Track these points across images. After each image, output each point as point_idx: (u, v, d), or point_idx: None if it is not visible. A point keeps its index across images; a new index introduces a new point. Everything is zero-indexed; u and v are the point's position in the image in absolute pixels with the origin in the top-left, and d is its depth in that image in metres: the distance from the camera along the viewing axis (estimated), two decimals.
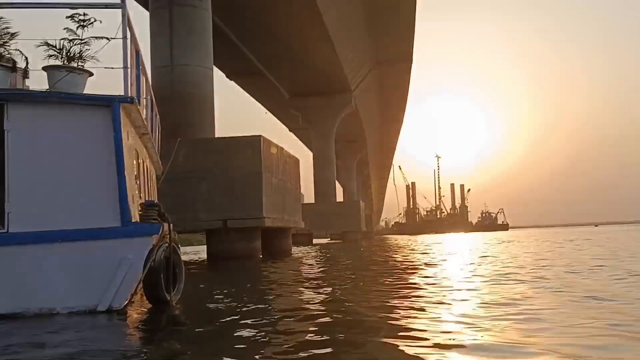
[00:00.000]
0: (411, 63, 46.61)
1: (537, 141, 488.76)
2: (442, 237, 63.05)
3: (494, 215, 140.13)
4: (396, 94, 56.38)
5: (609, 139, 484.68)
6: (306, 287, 8.00)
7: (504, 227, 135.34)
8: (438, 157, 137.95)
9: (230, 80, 45.21)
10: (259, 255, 15.97)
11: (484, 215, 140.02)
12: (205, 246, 17.32)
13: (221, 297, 6.88)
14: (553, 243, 23.88)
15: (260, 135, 15.41)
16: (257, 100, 51.84)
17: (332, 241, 50.59)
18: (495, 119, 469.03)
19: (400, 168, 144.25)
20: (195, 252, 24.89)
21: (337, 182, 74.13)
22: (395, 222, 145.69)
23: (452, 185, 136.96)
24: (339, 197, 69.52)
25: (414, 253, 18.39)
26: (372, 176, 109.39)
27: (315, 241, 50.58)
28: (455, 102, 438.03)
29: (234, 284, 8.93)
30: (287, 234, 19.09)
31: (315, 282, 8.69)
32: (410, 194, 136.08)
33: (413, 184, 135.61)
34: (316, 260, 15.43)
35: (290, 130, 64.96)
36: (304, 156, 50.04)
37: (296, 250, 25.61)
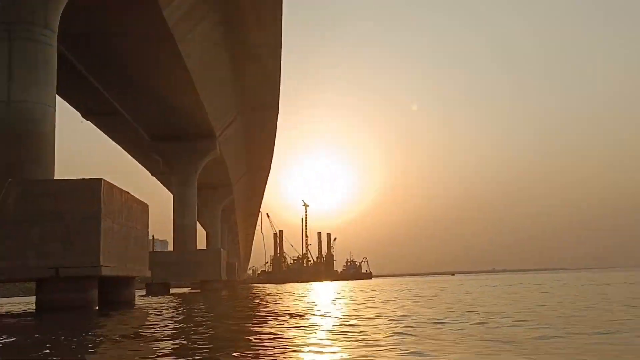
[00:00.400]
0: (277, 112, 47.16)
1: (398, 193, 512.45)
2: (307, 285, 63.48)
3: (358, 264, 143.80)
4: (263, 141, 56.69)
5: (456, 190, 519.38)
6: (131, 342, 7.42)
7: (368, 275, 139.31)
8: (306, 206, 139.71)
9: (87, 119, 43.16)
10: (95, 306, 14.88)
11: (348, 264, 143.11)
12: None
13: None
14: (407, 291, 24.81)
15: (100, 179, 14.56)
16: (116, 142, 49.82)
17: (193, 291, 49.09)
18: (361, 170, 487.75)
19: (268, 216, 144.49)
20: (26, 302, 22.94)
21: (203, 229, 72.73)
22: (262, 271, 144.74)
23: (319, 234, 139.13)
24: (204, 245, 68.05)
25: (270, 302, 18.13)
26: (239, 224, 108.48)
27: (174, 291, 48.87)
28: (324, 151, 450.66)
29: (46, 340, 8.09)
30: (130, 283, 18.02)
31: (143, 336, 8.10)
32: (278, 242, 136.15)
33: (281, 232, 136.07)
34: (157, 312, 14.60)
35: (152, 175, 63.00)
36: (169, 202, 48.52)
37: (146, 301, 24.43)
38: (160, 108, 37.21)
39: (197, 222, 78.07)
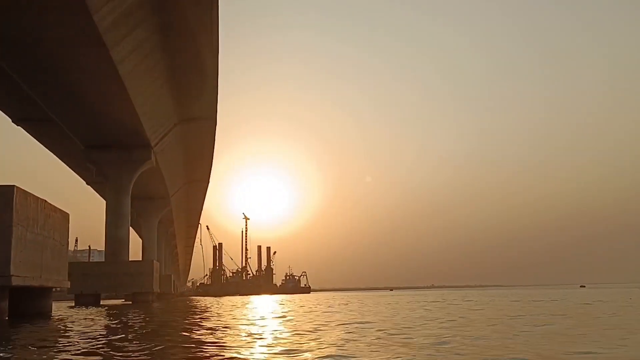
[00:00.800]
0: (214, 123, 46.83)
1: (336, 209, 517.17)
2: (246, 298, 62.98)
3: (297, 277, 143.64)
4: (201, 152, 56.04)
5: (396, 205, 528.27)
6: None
7: (306, 289, 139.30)
8: (246, 219, 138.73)
9: (18, 125, 41.81)
10: (5, 317, 14.31)
11: (287, 277, 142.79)
12: None
13: None
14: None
15: (13, 185, 14.06)
16: (49, 149, 48.37)
17: (126, 302, 47.88)
18: (300, 186, 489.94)
19: (207, 228, 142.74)
20: None
21: (139, 240, 71.20)
22: (200, 284, 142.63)
23: (259, 247, 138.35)
24: (140, 257, 66.53)
25: (197, 315, 17.88)
26: (177, 235, 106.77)
27: (107, 302, 47.55)
28: (265, 167, 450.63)
29: None
30: (46, 294, 17.42)
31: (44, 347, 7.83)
32: (217, 254, 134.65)
33: (220, 244, 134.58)
34: (70, 325, 14.14)
35: (87, 184, 61.46)
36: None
37: (70, 312, 23.65)
38: (94, 116, 36.40)
39: (136, 233, 76.76)
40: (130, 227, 76.17)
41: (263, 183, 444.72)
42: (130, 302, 42.87)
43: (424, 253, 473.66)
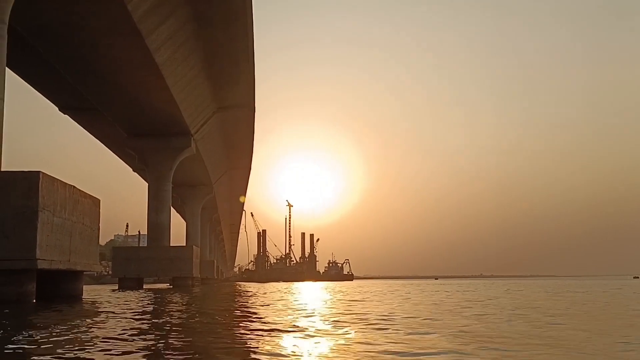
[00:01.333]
0: (253, 111, 47.12)
1: (382, 197, 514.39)
2: (289, 285, 63.24)
3: (340, 265, 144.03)
4: (241, 140, 56.58)
5: (445, 192, 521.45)
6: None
7: (349, 277, 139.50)
8: (290, 206, 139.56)
9: (65, 114, 42.99)
10: (32, 299, 14.80)
11: (330, 265, 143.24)
12: None
13: None
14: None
15: (39, 171, 14.48)
16: (96, 138, 49.68)
17: (170, 286, 48.91)
18: (345, 174, 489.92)
19: (252, 215, 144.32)
20: None
21: (185, 227, 72.41)
22: (245, 269, 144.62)
23: (303, 234, 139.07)
24: (184, 243, 67.73)
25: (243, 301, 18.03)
26: (222, 222, 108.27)
27: (151, 286, 48.65)
28: (309, 154, 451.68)
29: None
30: (76, 277, 17.92)
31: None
32: (261, 241, 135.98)
33: (264, 231, 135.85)
34: (99, 307, 14.49)
35: (134, 171, 62.83)
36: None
37: (104, 295, 24.23)
38: (133, 105, 37.07)
39: (183, 219, 77.90)
40: (176, 213, 77.82)
41: (307, 170, 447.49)
42: (170, 286, 43.75)
43: (470, 241, 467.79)
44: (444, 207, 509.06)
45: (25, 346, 6.10)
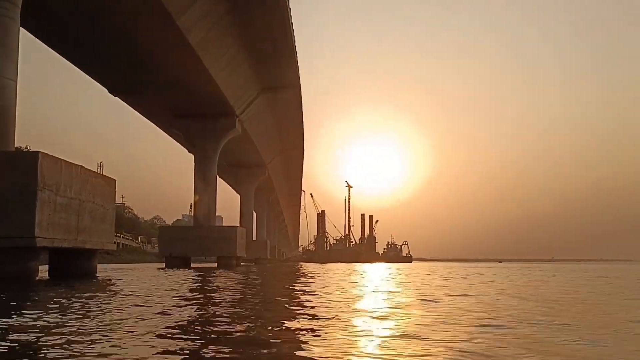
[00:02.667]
0: (299, 90, 46.87)
1: (441, 181, 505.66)
2: (350, 266, 62.61)
3: (399, 246, 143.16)
4: (290, 120, 56.59)
5: (514, 175, 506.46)
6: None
7: (408, 259, 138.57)
8: (349, 187, 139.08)
9: (115, 96, 43.94)
10: (34, 277, 15.14)
11: (389, 246, 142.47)
12: None
13: None
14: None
15: (38, 152, 14.71)
16: (146, 117, 50.60)
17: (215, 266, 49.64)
18: (404, 156, 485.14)
19: (311, 195, 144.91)
20: None
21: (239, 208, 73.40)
22: (305, 250, 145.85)
23: (363, 215, 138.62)
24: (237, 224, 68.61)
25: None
26: (282, 203, 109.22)
27: (198, 265, 49.48)
28: (370, 136, 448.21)
29: None
30: (89, 255, 18.23)
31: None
32: (321, 222, 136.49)
33: (323, 212, 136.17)
34: (110, 286, 14.62)
35: (189, 152, 64.03)
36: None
37: (139, 274, 24.58)
38: (174, 85, 37.46)
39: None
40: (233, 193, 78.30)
41: (369, 151, 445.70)
42: (215, 265, 44.32)
43: (537, 224, 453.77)
44: (507, 189, 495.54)
45: None
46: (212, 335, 5.42)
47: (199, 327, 6.09)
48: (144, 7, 26.13)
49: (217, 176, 72.19)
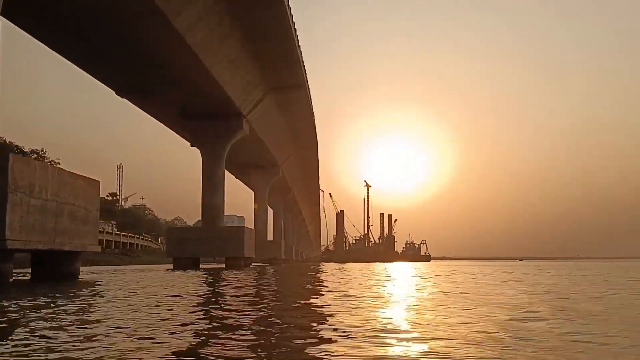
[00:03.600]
0: (306, 90, 46.64)
1: (478, 174, 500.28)
2: (370, 265, 61.71)
3: (417, 245, 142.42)
4: (301, 120, 56.45)
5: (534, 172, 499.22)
6: None
7: (426, 258, 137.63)
8: (368, 186, 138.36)
9: (122, 97, 44.17)
10: (9, 278, 15.17)
11: (408, 245, 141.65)
12: None
13: None
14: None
15: (9, 153, 14.73)
16: (153, 117, 50.64)
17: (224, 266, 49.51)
18: (428, 151, 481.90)
19: (330, 195, 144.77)
20: None
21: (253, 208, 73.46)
22: (325, 250, 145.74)
23: (382, 214, 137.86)
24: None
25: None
26: (301, 203, 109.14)
27: (207, 266, 49.24)
28: (388, 135, 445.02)
29: None
30: (70, 257, 18.19)
31: None
32: (339, 222, 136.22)
33: (342, 211, 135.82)
34: (88, 289, 14.54)
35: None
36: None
37: (139, 275, 24.58)
38: (178, 86, 37.57)
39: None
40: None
41: (390, 150, 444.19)
42: (223, 266, 44.20)
43: (557, 222, 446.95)
44: (528, 188, 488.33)
45: None
46: None
47: None
48: (139, 6, 26.13)
49: (234, 176, 72.57)
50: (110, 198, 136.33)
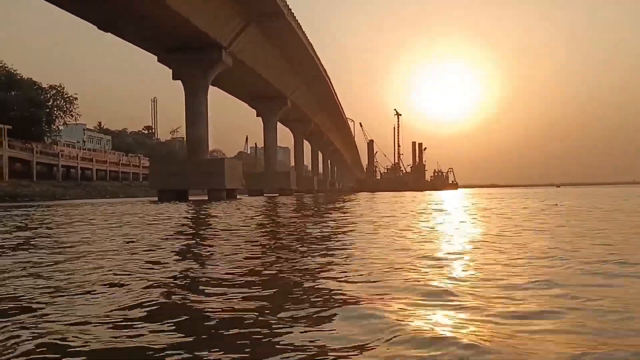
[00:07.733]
0: (286, 17, 45.63)
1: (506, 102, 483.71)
2: (398, 195, 59.17)
3: (445, 174, 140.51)
4: (294, 50, 55.21)
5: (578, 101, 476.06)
6: None
7: (454, 186, 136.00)
8: (398, 115, 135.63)
9: (107, 32, 44.22)
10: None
11: (436, 174, 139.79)
12: None
13: None
14: None
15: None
16: (143, 49, 50.58)
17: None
18: (467, 76, 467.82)
19: (361, 125, 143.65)
20: None
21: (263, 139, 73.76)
22: (356, 180, 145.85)
23: (414, 143, 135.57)
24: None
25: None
26: (330, 134, 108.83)
27: (195, 198, 48.87)
28: (421, 63, 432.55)
29: None
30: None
31: None
32: (370, 151, 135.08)
33: (372, 141, 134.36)
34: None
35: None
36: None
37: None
38: (152, 20, 37.59)
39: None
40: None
41: (422, 78, 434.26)
42: (206, 198, 44.43)
43: (595, 146, 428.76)
44: (571, 110, 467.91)
45: None
46: None
47: None
48: None
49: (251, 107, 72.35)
50: (146, 131, 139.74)
